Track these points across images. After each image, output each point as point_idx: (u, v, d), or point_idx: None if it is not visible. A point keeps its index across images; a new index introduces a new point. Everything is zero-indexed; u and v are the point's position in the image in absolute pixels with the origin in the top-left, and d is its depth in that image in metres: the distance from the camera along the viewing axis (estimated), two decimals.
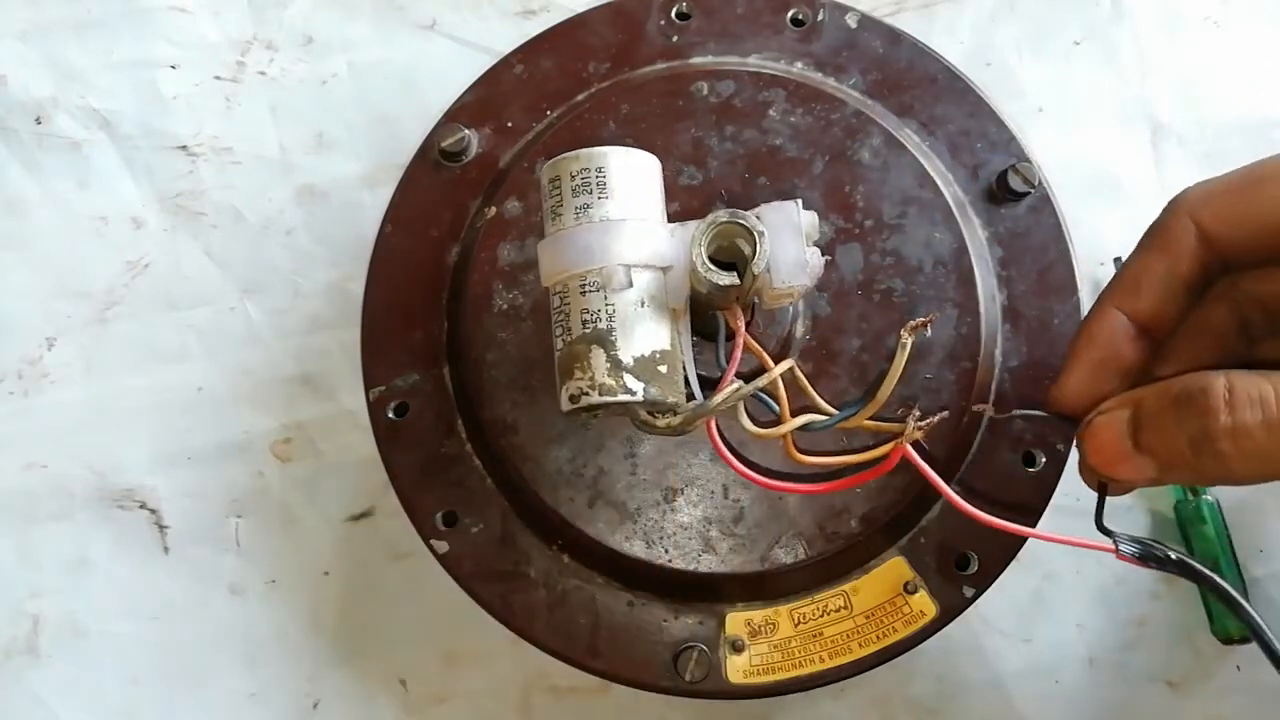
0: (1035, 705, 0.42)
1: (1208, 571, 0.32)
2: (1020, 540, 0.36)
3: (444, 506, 0.37)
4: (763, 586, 0.36)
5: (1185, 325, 0.31)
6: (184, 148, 0.46)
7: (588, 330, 0.28)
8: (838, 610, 0.36)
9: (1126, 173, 0.45)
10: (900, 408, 0.32)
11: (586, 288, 0.28)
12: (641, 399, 0.28)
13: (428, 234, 0.39)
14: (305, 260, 0.45)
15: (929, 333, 0.30)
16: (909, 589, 0.36)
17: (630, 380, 0.27)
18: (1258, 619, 0.31)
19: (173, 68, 0.46)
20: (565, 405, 0.28)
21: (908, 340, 0.28)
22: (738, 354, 0.29)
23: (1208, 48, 0.46)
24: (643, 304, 0.28)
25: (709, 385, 0.30)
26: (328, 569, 0.43)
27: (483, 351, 0.36)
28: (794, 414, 0.30)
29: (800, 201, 0.28)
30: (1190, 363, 0.31)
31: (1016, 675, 0.42)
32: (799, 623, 0.36)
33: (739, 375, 0.29)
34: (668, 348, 0.28)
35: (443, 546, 0.37)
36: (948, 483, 0.36)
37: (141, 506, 0.43)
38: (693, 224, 0.28)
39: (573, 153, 0.28)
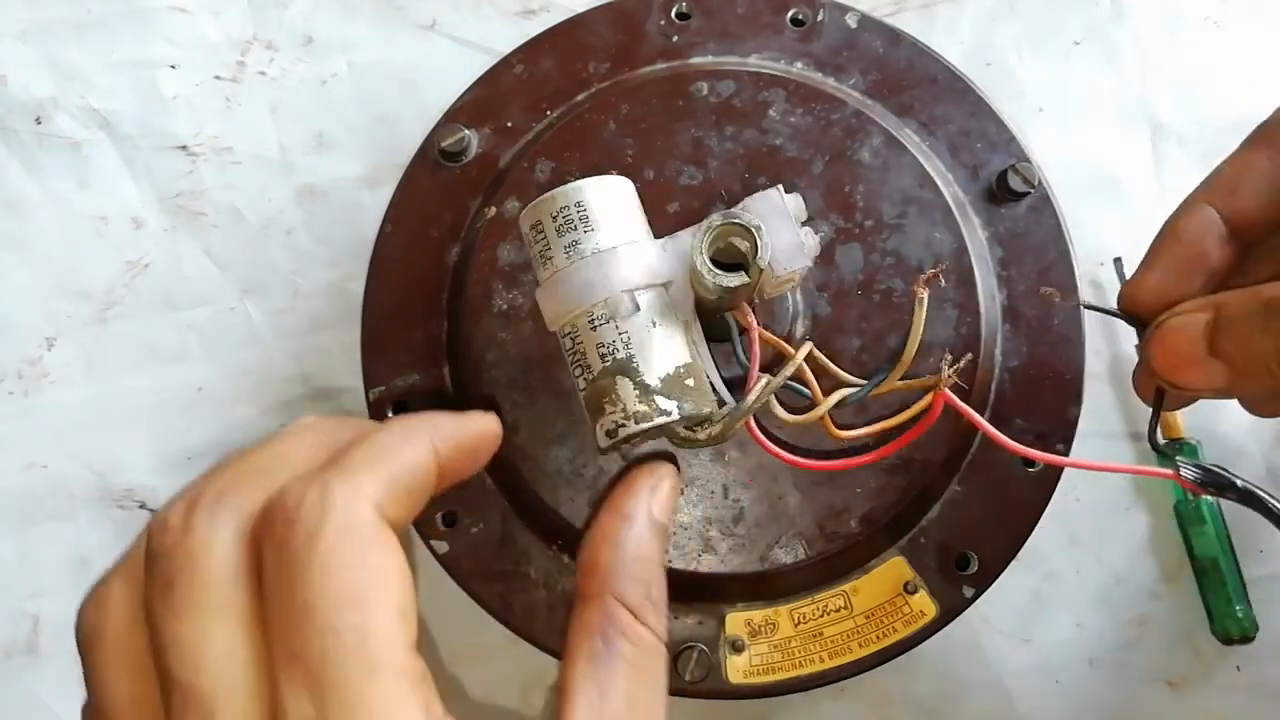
0: (1035, 705, 0.42)
1: (1271, 499, 0.30)
2: (1020, 540, 0.36)
3: (444, 506, 0.37)
4: (763, 586, 0.36)
5: (1275, 240, 0.29)
6: (184, 148, 0.46)
7: (608, 363, 0.28)
8: (838, 610, 0.36)
9: (1126, 173, 0.45)
10: (922, 364, 0.32)
11: (595, 322, 0.28)
12: (678, 417, 0.28)
13: (428, 234, 0.39)
14: (305, 260, 0.45)
15: (943, 283, 0.30)
16: (909, 589, 0.36)
17: (663, 401, 0.27)
18: None
19: (173, 68, 0.46)
20: (604, 442, 0.28)
21: (923, 294, 0.28)
22: (756, 349, 0.29)
23: (1208, 48, 0.46)
24: (654, 324, 0.28)
25: (733, 386, 0.30)
26: None
27: (483, 351, 0.36)
28: (824, 393, 0.30)
29: (780, 186, 0.28)
30: (1276, 276, 0.29)
31: (1016, 675, 0.42)
32: (799, 623, 0.36)
33: (760, 370, 0.30)
34: (689, 360, 0.28)
35: (443, 546, 0.37)
36: (947, 485, 0.36)
37: (141, 506, 0.43)
38: (683, 234, 0.29)
39: (547, 195, 0.28)
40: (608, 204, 0.29)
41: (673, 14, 0.40)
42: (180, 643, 0.22)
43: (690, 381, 0.28)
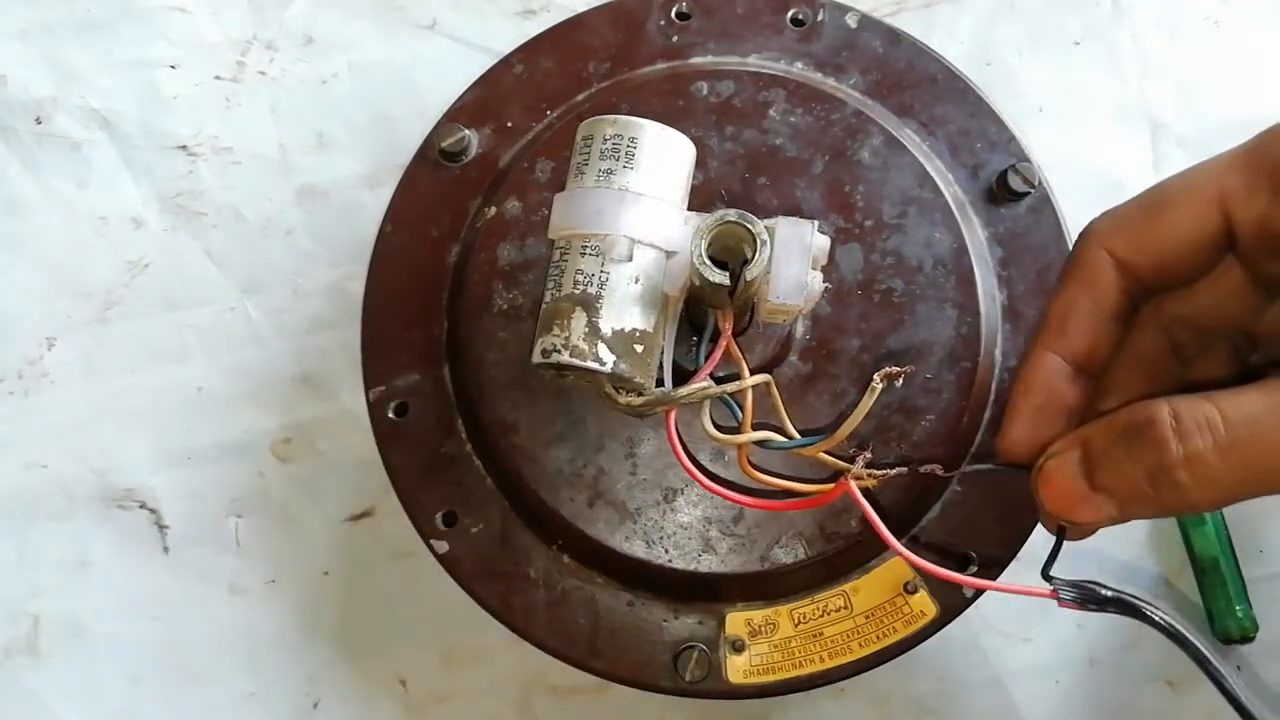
0: (1035, 705, 0.42)
1: (1147, 607, 0.31)
2: (1020, 540, 0.36)
3: (444, 506, 0.37)
4: (763, 586, 0.36)
5: (1119, 356, 0.31)
6: (184, 148, 0.46)
7: (576, 291, 0.28)
8: (838, 610, 0.36)
9: (1126, 173, 0.45)
10: (854, 450, 0.32)
11: (587, 250, 0.28)
12: (609, 371, 0.28)
13: (428, 234, 0.39)
14: (305, 260, 0.45)
15: (899, 384, 0.30)
16: (909, 589, 0.36)
17: (603, 350, 0.27)
18: (1218, 668, 0.31)
19: (173, 68, 0.46)
20: (536, 358, 0.28)
21: (879, 386, 0.29)
22: (717, 355, 0.29)
23: (1208, 48, 0.46)
24: (636, 280, 0.28)
25: (682, 378, 0.30)
26: (328, 569, 0.43)
27: (483, 351, 0.36)
28: (757, 428, 0.30)
29: (818, 224, 0.28)
30: (1130, 393, 0.30)
31: (1016, 675, 0.42)
32: (799, 623, 0.36)
33: (716, 379, 0.29)
34: (649, 330, 0.28)
35: (443, 546, 0.37)
36: (947, 485, 0.36)
37: (141, 506, 0.43)
38: (707, 216, 0.28)
39: (612, 116, 0.29)
40: (659, 154, 0.29)
41: (673, 14, 0.40)
42: None
43: (640, 348, 0.28)
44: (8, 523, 0.43)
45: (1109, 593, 0.31)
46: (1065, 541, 0.30)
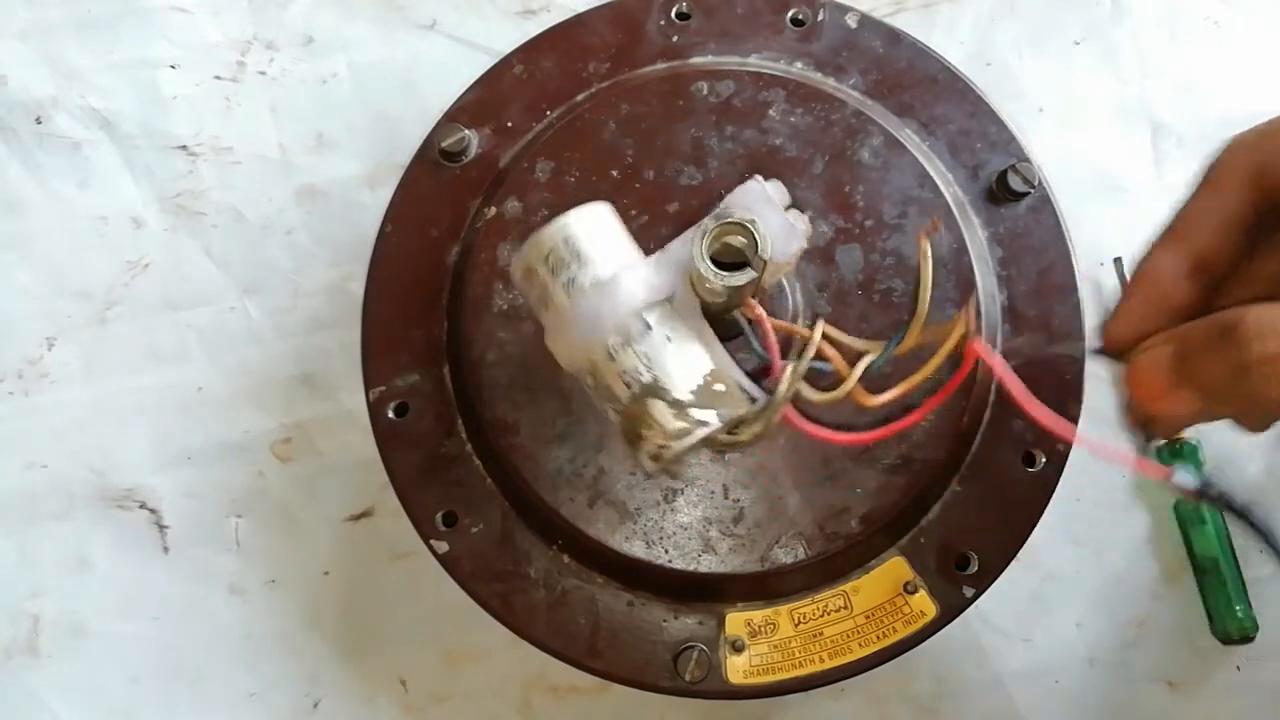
0: (1035, 705, 0.42)
1: (1252, 511, 0.30)
2: (1020, 540, 0.36)
3: (444, 506, 0.37)
4: (763, 586, 0.36)
5: (1242, 272, 0.31)
6: (184, 148, 0.46)
7: (634, 389, 0.28)
8: (838, 610, 0.36)
9: (1126, 173, 0.45)
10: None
11: (613, 352, 0.28)
12: (717, 425, 0.28)
13: (428, 234, 0.39)
14: (305, 260, 0.45)
15: (941, 231, 0.30)
16: (909, 589, 0.36)
17: (698, 413, 0.28)
18: None
19: (173, 68, 0.46)
20: (650, 467, 0.28)
21: (926, 245, 0.28)
22: (772, 339, 0.29)
23: (1208, 48, 0.46)
24: (668, 339, 0.28)
25: (755, 380, 0.30)
26: (328, 569, 0.43)
27: (483, 351, 0.36)
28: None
29: (758, 175, 0.29)
30: (1244, 303, 0.30)
31: (1016, 675, 0.42)
32: (799, 623, 0.36)
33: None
34: (712, 366, 0.28)
35: (443, 546, 0.37)
36: (947, 485, 0.36)
37: (141, 506, 0.43)
38: (673, 245, 0.29)
39: (531, 239, 0.29)
40: (593, 233, 0.29)
41: (673, 14, 0.40)
42: None
43: (719, 387, 0.28)
44: (8, 523, 0.43)
45: (1233, 498, 0.30)
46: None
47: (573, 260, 0.28)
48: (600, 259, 0.28)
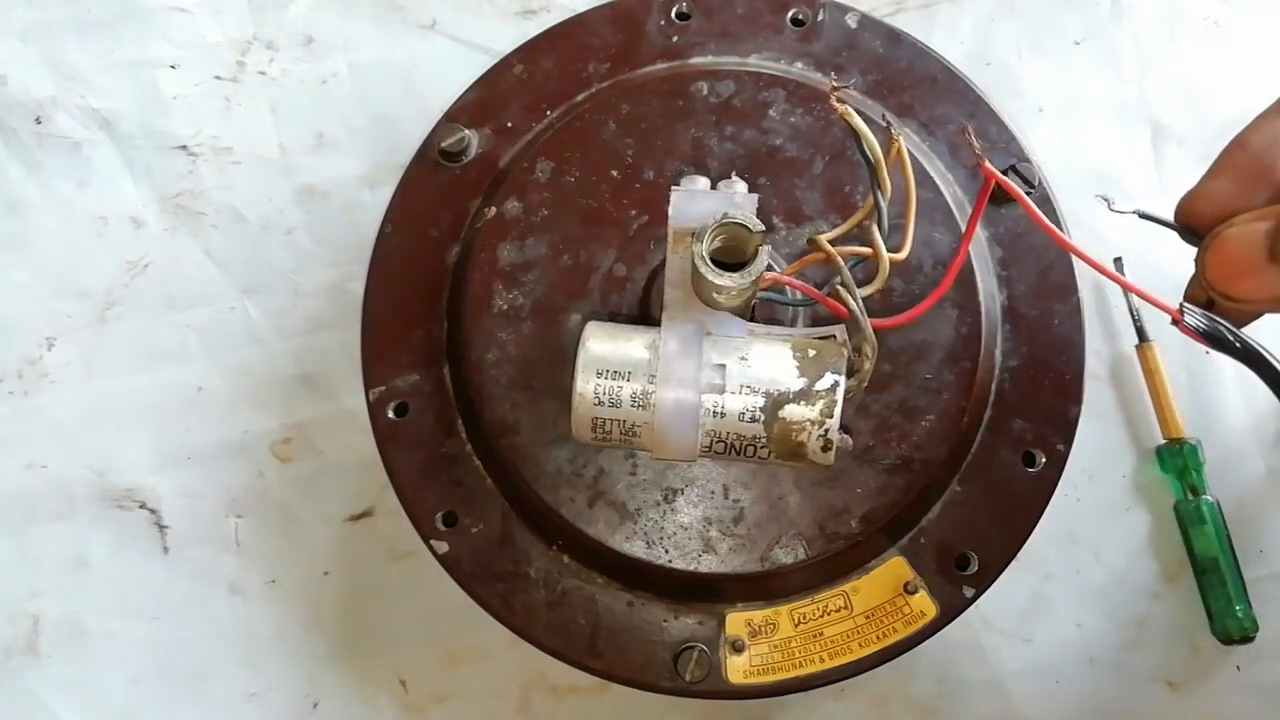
0: (1035, 705, 0.42)
1: (1271, 357, 0.29)
2: (1020, 540, 0.36)
3: (444, 506, 0.37)
4: (763, 586, 0.36)
5: None
6: (184, 148, 0.46)
7: (762, 418, 0.28)
8: (838, 610, 0.36)
9: (1126, 173, 0.45)
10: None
11: (719, 411, 0.28)
12: (841, 377, 0.28)
13: (428, 234, 0.39)
14: (305, 260, 0.45)
15: (850, 88, 0.29)
16: (909, 589, 0.36)
17: (822, 384, 0.28)
18: None
19: (173, 68, 0.46)
20: (831, 460, 0.29)
21: (845, 108, 0.28)
22: (800, 284, 0.30)
23: (1208, 48, 0.46)
24: (742, 359, 0.29)
25: (820, 319, 0.31)
26: (328, 569, 0.43)
27: (483, 351, 0.36)
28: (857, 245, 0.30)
29: (673, 186, 0.29)
30: None
31: (1016, 675, 0.42)
32: (799, 623, 0.36)
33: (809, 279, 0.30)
34: (788, 345, 0.29)
35: (443, 546, 0.37)
36: (947, 485, 0.36)
37: (141, 506, 0.43)
38: (668, 291, 0.29)
39: (573, 398, 0.29)
40: (610, 346, 0.29)
41: (673, 14, 0.40)
42: None
43: (812, 353, 0.29)
44: (8, 523, 0.43)
45: (1234, 340, 0.29)
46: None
47: (619, 380, 0.29)
48: (636, 356, 0.29)
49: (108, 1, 0.46)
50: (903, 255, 0.29)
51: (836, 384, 0.28)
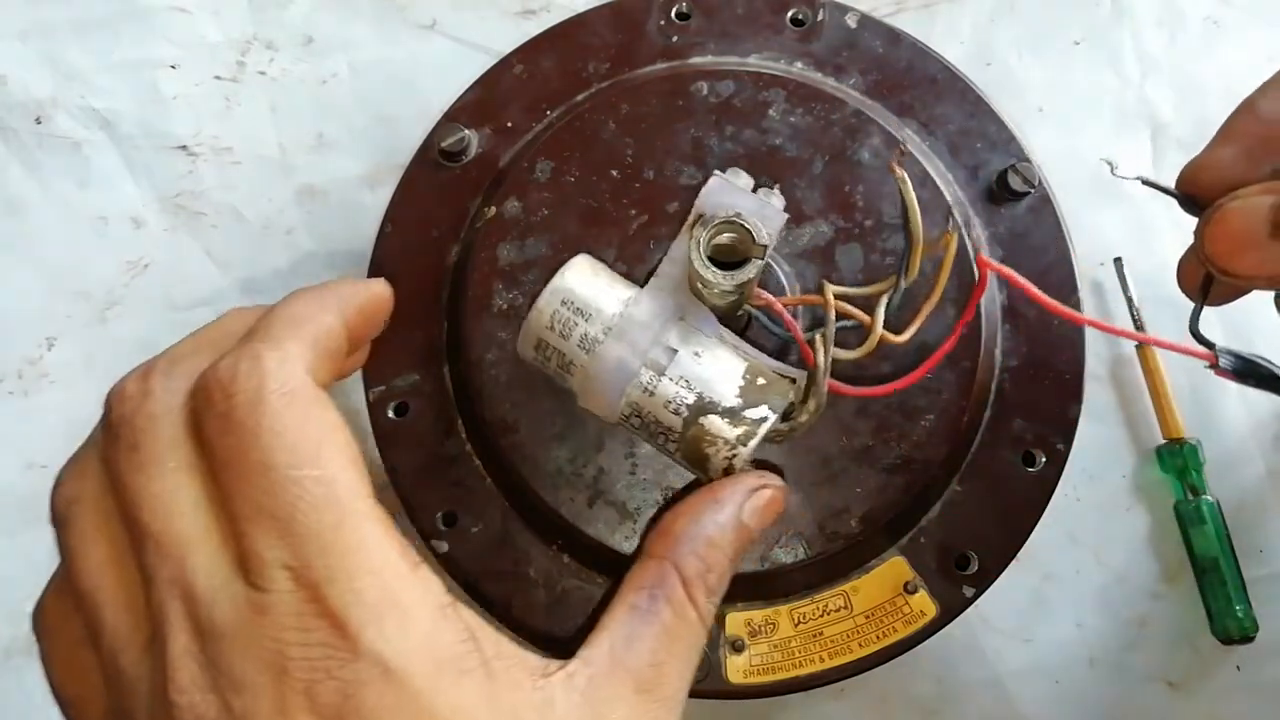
0: (1035, 705, 0.42)
1: None
2: (1020, 540, 0.36)
3: (444, 506, 0.37)
4: (763, 586, 0.36)
5: None
6: (184, 148, 0.46)
7: (685, 414, 0.28)
8: (838, 610, 0.36)
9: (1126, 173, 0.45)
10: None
11: (650, 388, 0.28)
12: (775, 417, 0.28)
13: (428, 234, 0.39)
14: (305, 260, 0.45)
15: (910, 155, 0.30)
16: (909, 589, 0.36)
17: (753, 413, 0.28)
18: None
19: (173, 68, 0.46)
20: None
21: (902, 173, 0.28)
22: (789, 317, 0.30)
23: (1208, 48, 0.46)
24: (697, 355, 0.28)
25: (786, 360, 0.30)
26: None
27: (483, 351, 0.36)
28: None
29: (716, 171, 0.29)
30: None
31: (1016, 675, 0.42)
32: (799, 622, 0.36)
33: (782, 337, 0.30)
34: (746, 364, 0.29)
35: (443, 546, 0.37)
36: (947, 485, 0.36)
37: None
38: (664, 266, 0.29)
39: (531, 312, 0.29)
40: (586, 284, 0.29)
41: (673, 14, 0.40)
42: (152, 497, 0.23)
43: (761, 381, 0.28)
44: (8, 523, 0.43)
45: (1274, 369, 0.28)
46: None
47: (578, 316, 0.28)
48: (604, 305, 0.29)
49: (108, 1, 0.46)
50: (902, 339, 0.30)
51: (765, 419, 0.28)
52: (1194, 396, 0.43)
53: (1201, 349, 0.29)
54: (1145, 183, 0.32)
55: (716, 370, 0.28)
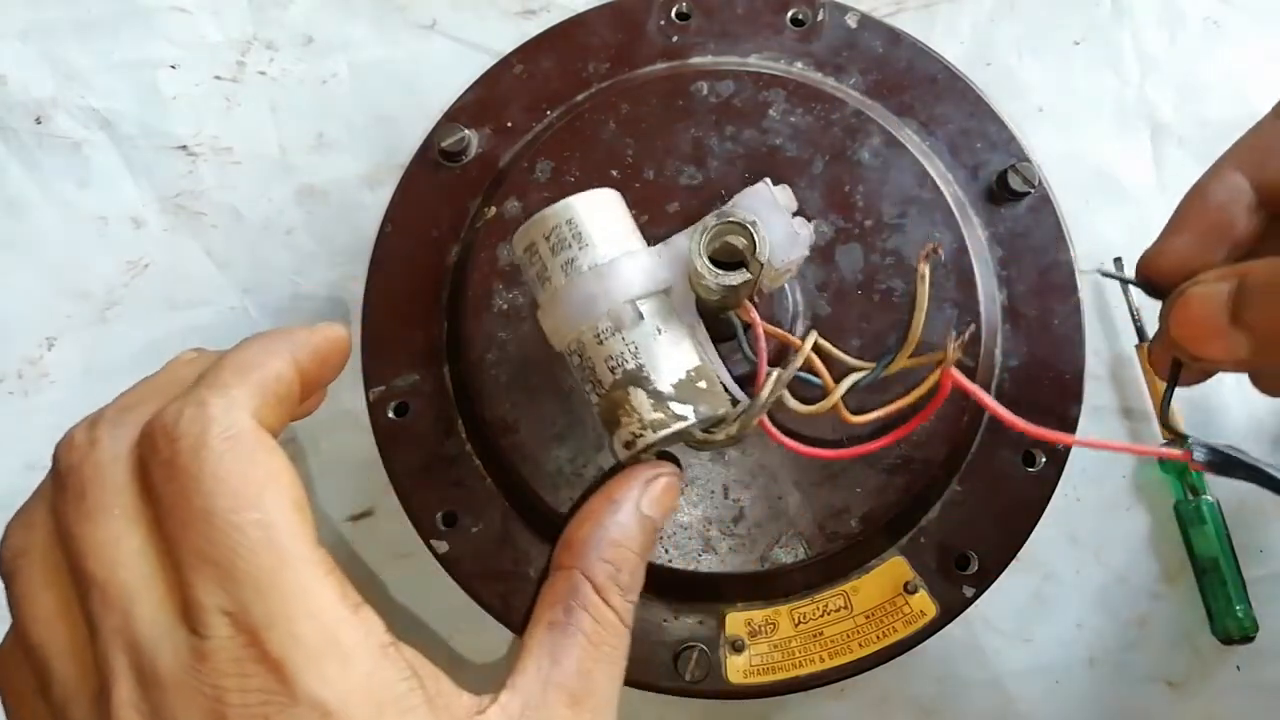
0: (1035, 705, 0.42)
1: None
2: (1020, 540, 0.36)
3: (444, 506, 0.37)
4: (763, 586, 0.36)
5: None
6: (184, 148, 0.46)
7: (618, 375, 0.28)
8: (838, 610, 0.36)
9: (1126, 173, 0.45)
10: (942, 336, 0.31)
11: (602, 336, 0.28)
12: (694, 421, 0.28)
13: (428, 234, 0.39)
14: (305, 260, 0.45)
15: (942, 256, 0.30)
16: (909, 589, 0.36)
17: (677, 407, 0.28)
18: None
19: (173, 68, 0.46)
20: (623, 454, 0.28)
21: (925, 270, 0.28)
22: (762, 344, 0.29)
23: (1208, 48, 0.46)
24: (659, 331, 0.28)
25: (743, 383, 0.30)
26: None
27: (483, 351, 0.36)
28: (833, 380, 0.30)
29: (768, 179, 0.28)
30: None
31: (1016, 675, 0.42)
32: (799, 622, 0.36)
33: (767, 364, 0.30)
34: (698, 363, 0.28)
35: (443, 546, 0.37)
36: (947, 485, 0.36)
37: None
38: (678, 239, 0.29)
39: (536, 216, 0.29)
40: (598, 217, 0.29)
41: (673, 14, 0.40)
42: (98, 546, 0.23)
43: (702, 384, 0.28)
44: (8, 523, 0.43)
45: (1247, 460, 0.29)
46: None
47: (574, 241, 0.28)
48: (602, 243, 0.28)
49: (108, 1, 0.46)
50: (854, 421, 0.30)
51: (685, 419, 0.28)
52: (1194, 396, 0.43)
53: (1175, 450, 0.29)
54: (1105, 274, 0.32)
55: (667, 354, 0.28)
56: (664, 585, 0.36)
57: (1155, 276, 0.29)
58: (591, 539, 0.29)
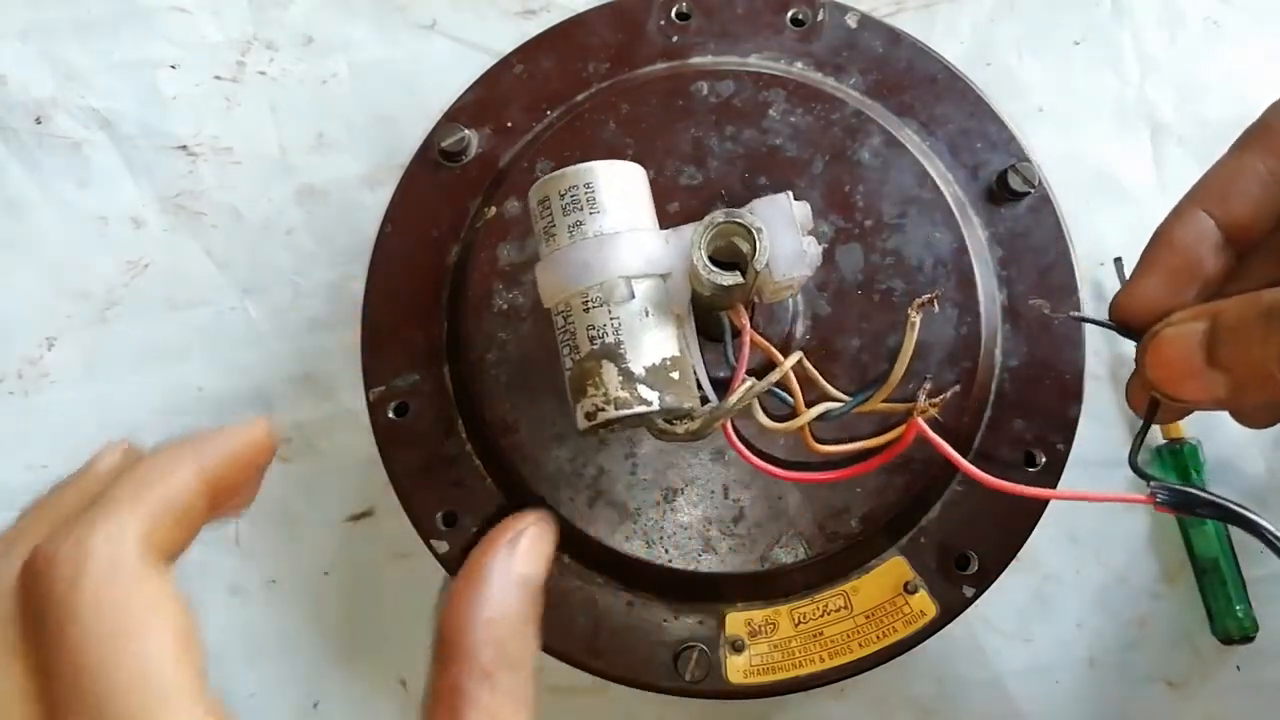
0: (1035, 705, 0.42)
1: (1253, 515, 0.29)
2: (1020, 540, 0.36)
3: (444, 506, 0.37)
4: (763, 586, 0.36)
5: (1269, 245, 0.29)
6: (184, 148, 0.46)
7: (596, 346, 0.28)
8: (838, 610, 0.36)
9: (1126, 173, 0.45)
10: (912, 383, 0.32)
11: (589, 304, 0.28)
12: (658, 408, 0.27)
13: (428, 234, 0.39)
14: (305, 260, 0.45)
15: (936, 309, 0.30)
16: (909, 589, 0.36)
17: (645, 391, 0.27)
18: None
19: (173, 68, 0.46)
20: (582, 424, 0.28)
21: (916, 319, 0.28)
22: (745, 352, 0.29)
23: (1208, 48, 0.46)
24: (647, 313, 0.28)
25: (719, 386, 0.30)
26: (328, 569, 0.43)
27: (483, 351, 0.36)
28: (807, 405, 0.30)
29: (791, 193, 0.28)
30: (1272, 281, 0.27)
31: (1016, 675, 0.42)
32: (799, 622, 0.36)
33: (748, 372, 0.29)
34: (677, 354, 0.28)
35: (443, 546, 0.37)
36: (947, 485, 0.36)
37: None
38: (687, 228, 0.28)
39: (558, 172, 0.28)
40: (617, 188, 0.28)
41: (673, 14, 0.40)
42: None
43: (675, 374, 0.28)
44: (8, 523, 0.43)
45: (1209, 498, 0.29)
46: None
47: (587, 205, 0.28)
48: (613, 214, 0.28)
49: (108, 1, 0.46)
50: (817, 449, 0.31)
51: (648, 403, 0.27)
52: None
53: (1139, 495, 0.30)
54: (1080, 319, 0.33)
55: (650, 337, 0.28)
56: (664, 585, 0.36)
57: (1128, 319, 0.29)
58: (468, 626, 0.27)
